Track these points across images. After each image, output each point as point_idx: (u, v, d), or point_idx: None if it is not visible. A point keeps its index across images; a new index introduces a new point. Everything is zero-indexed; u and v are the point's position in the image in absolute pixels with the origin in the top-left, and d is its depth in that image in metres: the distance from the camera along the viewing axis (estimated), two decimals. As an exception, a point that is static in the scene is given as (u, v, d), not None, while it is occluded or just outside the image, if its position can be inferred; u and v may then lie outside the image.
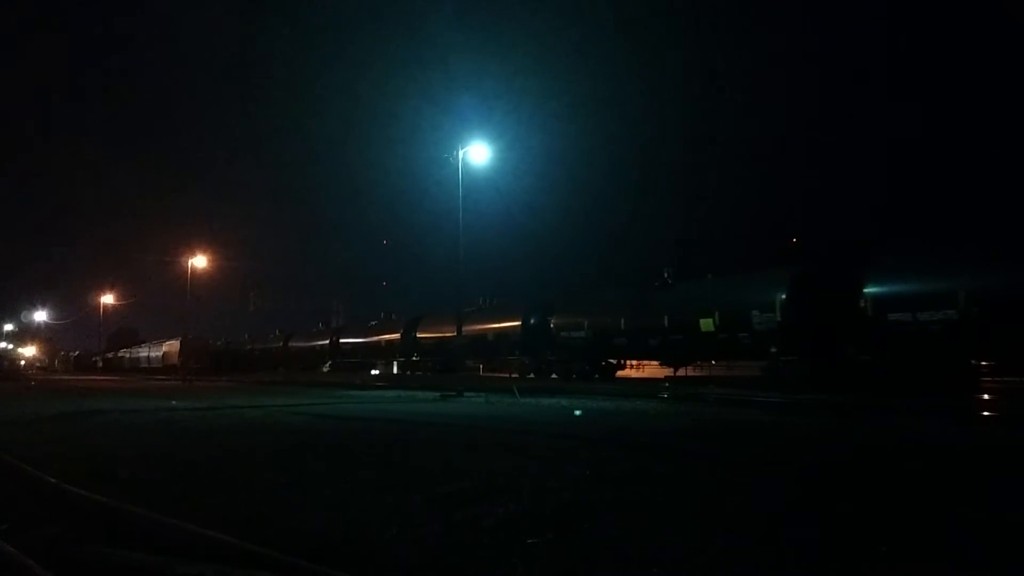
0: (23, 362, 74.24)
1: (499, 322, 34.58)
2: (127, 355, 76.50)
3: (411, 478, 6.10)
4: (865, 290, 18.73)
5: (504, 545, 4.05)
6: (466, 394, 19.52)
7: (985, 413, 12.63)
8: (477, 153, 23.22)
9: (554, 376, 30.26)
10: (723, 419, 12.01)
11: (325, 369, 50.57)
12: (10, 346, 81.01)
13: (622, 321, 27.07)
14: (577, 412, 13.29)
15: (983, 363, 19.07)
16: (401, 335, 42.95)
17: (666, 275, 26.44)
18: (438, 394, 19.82)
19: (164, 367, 60.45)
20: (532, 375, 31.89)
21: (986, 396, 16.04)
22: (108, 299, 70.74)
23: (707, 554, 3.87)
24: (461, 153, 23.01)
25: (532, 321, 32.57)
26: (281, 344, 58.78)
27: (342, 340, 50.93)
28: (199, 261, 46.59)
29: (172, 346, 61.20)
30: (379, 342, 46.10)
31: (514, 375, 33.23)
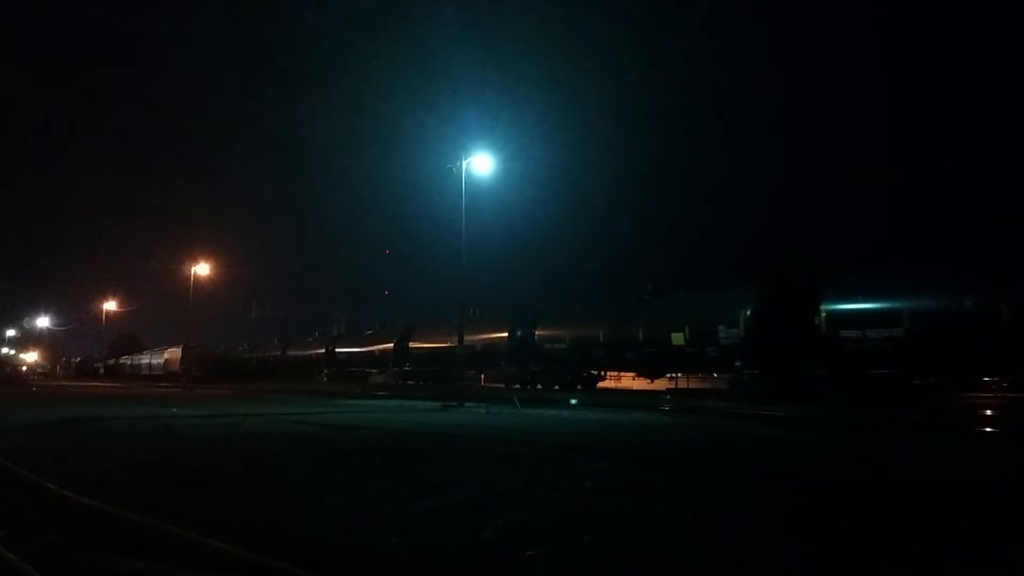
0: (25, 368, 74.21)
1: (488, 333, 34.02)
2: (129, 362, 76.43)
3: (412, 487, 6.08)
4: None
5: (504, 556, 4.04)
6: (467, 404, 19.48)
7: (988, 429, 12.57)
8: (480, 163, 23.27)
9: (539, 387, 30.27)
10: (724, 432, 11.97)
11: (325, 379, 49.38)
12: (12, 351, 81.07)
13: (600, 334, 27.29)
14: (578, 416, 13.27)
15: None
16: (394, 345, 42.10)
17: (650, 287, 26.92)
18: (439, 404, 19.78)
19: (165, 374, 60.41)
20: (517, 385, 31.78)
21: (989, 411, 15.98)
22: (110, 306, 70.89)
23: (707, 566, 3.85)
24: (464, 163, 23.07)
25: (519, 333, 32.48)
26: (280, 352, 58.29)
27: (338, 349, 50.09)
28: (202, 269, 46.66)
29: (174, 353, 61.13)
30: (372, 352, 45.49)
31: (499, 384, 33.16)
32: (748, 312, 21.58)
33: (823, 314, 19.57)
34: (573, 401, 19.95)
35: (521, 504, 5.32)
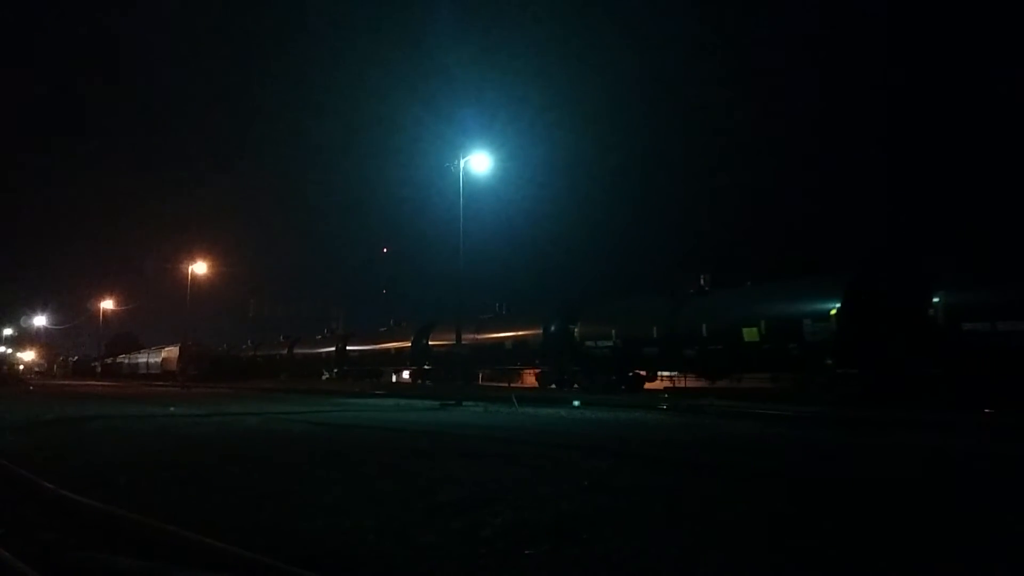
0: (22, 367, 74.15)
1: (517, 330, 31.50)
2: (126, 361, 76.28)
3: (409, 487, 6.08)
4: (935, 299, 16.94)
5: (502, 555, 4.04)
6: (465, 403, 19.50)
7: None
8: (478, 162, 23.29)
9: (575, 386, 27.48)
10: (721, 432, 11.99)
11: (325, 377, 48.28)
12: (9, 350, 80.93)
13: (654, 330, 23.94)
14: (575, 416, 13.27)
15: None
16: (411, 342, 39.40)
17: (703, 282, 24.23)
18: (437, 403, 19.80)
19: (163, 373, 60.31)
20: (553, 386, 29.42)
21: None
22: (108, 304, 70.79)
23: (704, 567, 3.86)
24: (462, 162, 23.07)
25: (553, 328, 29.28)
26: (286, 351, 57.36)
27: (350, 347, 47.94)
28: (199, 267, 46.61)
29: (171, 352, 61.03)
30: (388, 349, 42.78)
31: (534, 386, 31.21)
32: (840, 304, 18.62)
33: (939, 304, 16.89)
34: (576, 402, 19.85)
35: (519, 503, 5.32)
